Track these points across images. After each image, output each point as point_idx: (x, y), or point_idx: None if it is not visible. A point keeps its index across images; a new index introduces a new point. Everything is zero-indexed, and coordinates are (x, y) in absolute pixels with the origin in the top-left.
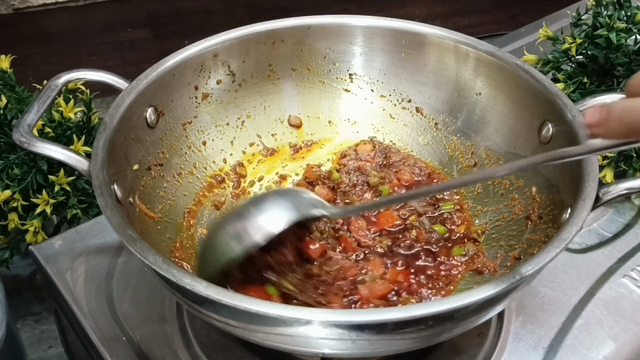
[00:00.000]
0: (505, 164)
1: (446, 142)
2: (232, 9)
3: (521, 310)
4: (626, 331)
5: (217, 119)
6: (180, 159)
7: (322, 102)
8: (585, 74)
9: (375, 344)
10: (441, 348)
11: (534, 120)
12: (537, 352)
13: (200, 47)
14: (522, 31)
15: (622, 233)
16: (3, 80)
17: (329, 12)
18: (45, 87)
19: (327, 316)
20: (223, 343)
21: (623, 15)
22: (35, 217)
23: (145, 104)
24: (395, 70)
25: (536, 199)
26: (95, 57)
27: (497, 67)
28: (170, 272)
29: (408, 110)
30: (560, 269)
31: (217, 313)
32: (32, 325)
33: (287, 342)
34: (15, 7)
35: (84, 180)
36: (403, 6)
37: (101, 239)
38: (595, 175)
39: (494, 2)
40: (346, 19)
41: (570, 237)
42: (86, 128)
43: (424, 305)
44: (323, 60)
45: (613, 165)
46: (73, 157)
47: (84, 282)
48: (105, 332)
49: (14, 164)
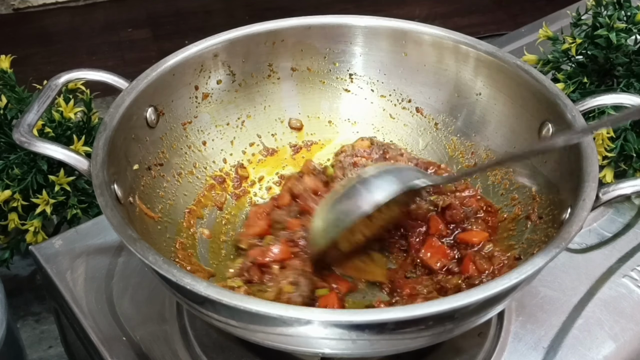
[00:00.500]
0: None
1: (446, 142)
2: (232, 9)
3: (521, 310)
4: (626, 331)
5: (217, 119)
6: (180, 158)
7: (322, 102)
8: (585, 74)
9: (375, 344)
10: (441, 348)
11: (534, 120)
12: (537, 352)
13: (200, 47)
14: (522, 31)
15: (622, 233)
16: (3, 80)
17: (329, 12)
18: (45, 87)
19: (327, 316)
20: (223, 343)
21: (623, 15)
22: (35, 217)
23: (145, 104)
24: (395, 70)
25: (536, 199)
26: (95, 57)
27: (497, 67)
28: (170, 272)
29: (408, 110)
30: (560, 269)
31: (217, 313)
32: (32, 325)
33: (287, 342)
34: (15, 7)
35: (84, 180)
36: (403, 6)
37: (101, 239)
38: (595, 175)
39: (494, 2)
40: (346, 19)
41: (570, 237)
42: (86, 128)
43: (424, 305)
44: (323, 60)
45: (613, 165)
46: (73, 157)
47: (84, 282)
48: (105, 332)
49: (14, 164)
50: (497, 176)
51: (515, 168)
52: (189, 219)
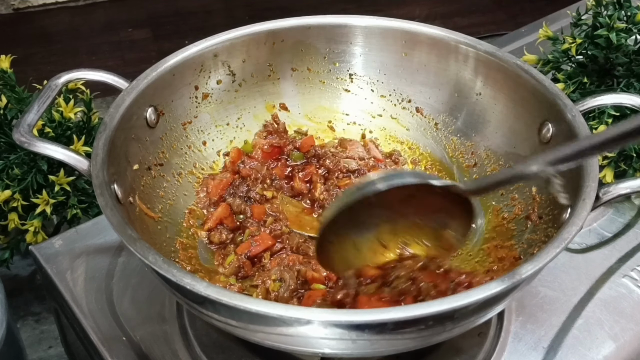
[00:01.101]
0: (505, 164)
1: (446, 142)
2: (232, 9)
3: (521, 310)
4: (626, 331)
5: (217, 118)
6: (180, 158)
7: (322, 102)
8: (585, 74)
9: (375, 344)
10: (441, 348)
11: (534, 120)
12: (537, 352)
13: (200, 47)
14: (522, 31)
15: (622, 233)
16: (3, 80)
17: (329, 12)
18: (45, 87)
19: (327, 316)
20: (223, 343)
21: (623, 15)
22: (35, 217)
23: (145, 104)
24: (395, 70)
25: (536, 199)
26: (95, 57)
27: (497, 67)
28: (171, 271)
29: (408, 110)
30: (560, 269)
31: (217, 313)
32: (32, 325)
33: (287, 342)
34: (15, 7)
35: (84, 180)
36: (403, 6)
37: (101, 239)
38: (595, 175)
39: (494, 2)
40: (346, 19)
41: (570, 237)
42: (86, 128)
43: (424, 305)
44: (323, 60)
45: (613, 165)
46: (73, 157)
47: (84, 282)
48: (105, 332)
49: (14, 164)
50: None
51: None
52: (188, 219)
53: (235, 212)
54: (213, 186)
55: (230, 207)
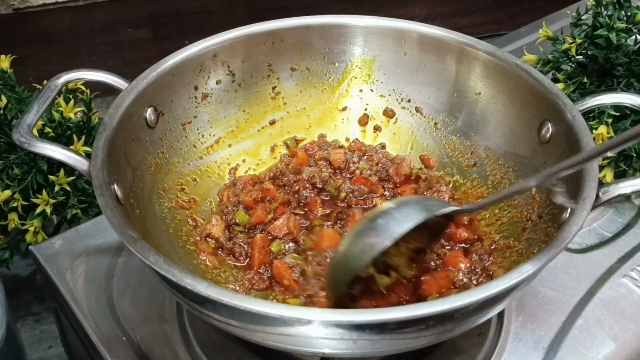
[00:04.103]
0: (505, 164)
1: (446, 142)
2: (232, 9)
3: (521, 310)
4: (626, 331)
5: (217, 119)
6: (180, 158)
7: (322, 102)
8: (585, 74)
9: (375, 344)
10: (441, 348)
11: (534, 120)
12: (537, 352)
13: (200, 47)
14: (522, 31)
15: (622, 233)
16: (3, 80)
17: (329, 12)
18: (45, 87)
19: (328, 316)
20: (223, 343)
21: (623, 15)
22: (35, 217)
23: (145, 104)
24: (395, 70)
25: (536, 198)
26: (95, 57)
27: (497, 67)
28: (171, 272)
29: (407, 110)
30: (560, 269)
31: (217, 313)
32: (32, 325)
33: (288, 342)
34: (15, 7)
35: (84, 180)
36: (403, 6)
37: (101, 239)
38: (595, 175)
39: (494, 2)
40: (346, 19)
41: (570, 237)
42: (86, 128)
43: (424, 305)
44: (323, 60)
45: (613, 165)
46: (73, 157)
47: (84, 282)
48: (105, 332)
49: (14, 164)
50: (496, 176)
51: (515, 168)
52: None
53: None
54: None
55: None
